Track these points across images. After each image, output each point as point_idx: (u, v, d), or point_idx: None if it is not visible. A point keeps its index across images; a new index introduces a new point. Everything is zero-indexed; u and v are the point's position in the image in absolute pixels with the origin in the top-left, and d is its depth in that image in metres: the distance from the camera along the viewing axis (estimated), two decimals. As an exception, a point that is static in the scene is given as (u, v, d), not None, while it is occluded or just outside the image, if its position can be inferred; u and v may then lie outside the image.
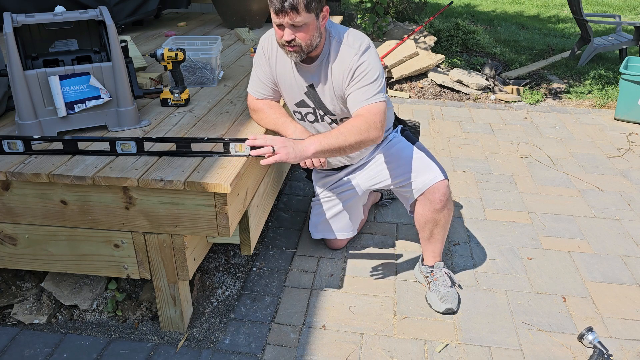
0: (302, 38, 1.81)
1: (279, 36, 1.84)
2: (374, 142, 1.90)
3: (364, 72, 1.89)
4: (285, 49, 1.86)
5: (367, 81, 1.89)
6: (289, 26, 1.79)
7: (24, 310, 2.08)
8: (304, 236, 2.62)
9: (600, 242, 2.59)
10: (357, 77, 1.89)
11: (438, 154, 3.56)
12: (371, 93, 1.89)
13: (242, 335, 2.00)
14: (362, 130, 1.85)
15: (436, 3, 9.34)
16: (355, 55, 1.89)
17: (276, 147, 1.74)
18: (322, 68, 1.96)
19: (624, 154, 3.60)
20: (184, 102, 2.28)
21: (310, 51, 1.87)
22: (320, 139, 1.82)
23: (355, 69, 1.89)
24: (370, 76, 1.89)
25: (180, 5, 4.25)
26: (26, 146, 1.82)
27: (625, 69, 4.10)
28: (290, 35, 1.80)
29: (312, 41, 1.85)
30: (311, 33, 1.83)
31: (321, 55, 1.94)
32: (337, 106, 2.02)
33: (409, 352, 1.93)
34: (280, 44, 1.87)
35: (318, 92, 2.01)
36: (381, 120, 1.89)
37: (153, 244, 1.81)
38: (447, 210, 2.11)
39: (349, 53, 1.90)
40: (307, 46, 1.84)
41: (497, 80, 5.19)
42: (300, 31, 1.80)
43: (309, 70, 1.98)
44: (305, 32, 1.81)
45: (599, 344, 1.90)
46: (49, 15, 1.89)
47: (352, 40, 1.93)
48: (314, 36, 1.84)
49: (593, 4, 9.92)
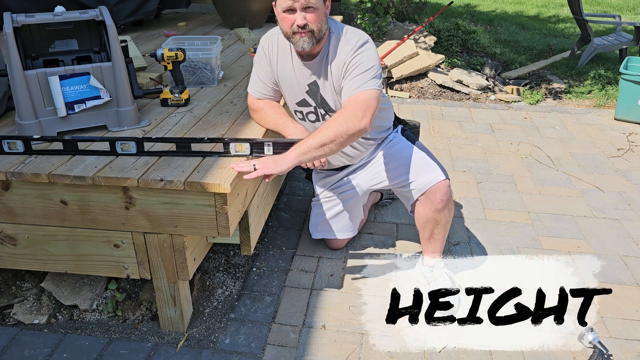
0: (313, 21, 1.81)
1: (289, 23, 1.83)
2: (360, 131, 1.81)
3: (356, 63, 1.88)
4: (296, 36, 1.84)
5: (358, 71, 1.86)
6: (302, 9, 1.79)
7: (24, 310, 2.08)
8: (304, 236, 2.62)
9: (600, 242, 2.59)
10: (350, 69, 1.89)
11: (438, 154, 3.56)
12: (361, 82, 1.85)
13: (242, 335, 2.00)
14: (340, 123, 1.79)
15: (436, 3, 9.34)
16: (351, 50, 1.89)
17: (257, 165, 1.74)
18: (322, 65, 1.96)
19: (624, 154, 3.60)
20: (184, 102, 2.28)
21: (320, 38, 1.87)
22: (300, 143, 1.80)
23: (349, 62, 1.89)
24: (363, 66, 1.86)
25: (180, 5, 4.25)
26: (26, 146, 1.82)
27: (625, 69, 4.10)
28: (302, 20, 1.80)
29: (322, 26, 1.85)
30: (321, 17, 1.84)
31: (321, 52, 1.94)
32: (339, 103, 2.02)
33: (409, 352, 1.93)
34: (291, 33, 1.85)
35: (320, 89, 2.01)
36: (367, 108, 1.81)
37: (153, 244, 1.81)
38: (447, 210, 2.11)
39: (345, 49, 1.91)
40: (318, 31, 1.84)
41: (497, 80, 5.19)
42: (312, 13, 1.81)
43: (310, 67, 1.98)
44: (317, 16, 1.82)
45: (599, 344, 1.90)
46: (49, 15, 1.89)
47: (350, 36, 1.93)
48: (323, 21, 1.86)
49: (593, 4, 9.92)
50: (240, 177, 1.76)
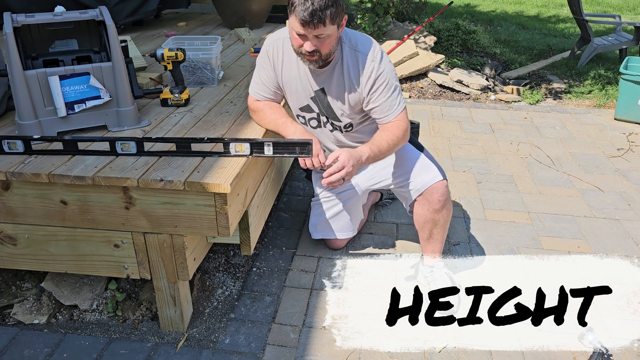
0: (323, 49, 1.81)
1: (298, 44, 1.82)
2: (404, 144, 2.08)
3: (385, 81, 1.92)
4: (304, 57, 1.84)
5: (389, 90, 1.95)
6: (313, 38, 1.78)
7: (24, 310, 2.08)
8: (304, 236, 2.62)
9: (600, 242, 2.59)
10: (380, 87, 1.92)
11: (438, 154, 3.56)
12: (397, 102, 1.97)
13: (242, 335, 2.00)
14: (399, 137, 1.99)
15: (436, 3, 9.34)
16: (373, 63, 1.91)
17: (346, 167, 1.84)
18: (335, 73, 1.95)
19: (624, 154, 3.60)
20: (184, 102, 2.28)
21: (328, 60, 1.88)
22: (370, 146, 1.93)
23: (375, 79, 1.91)
24: (390, 84, 1.95)
25: (180, 5, 4.25)
26: (26, 146, 1.82)
27: (625, 69, 4.10)
28: (312, 47, 1.79)
29: (332, 50, 1.85)
30: (332, 44, 1.83)
31: (333, 61, 1.94)
32: (346, 112, 2.03)
33: (409, 352, 1.93)
34: (298, 52, 1.85)
35: (328, 97, 2.01)
36: (407, 128, 2.04)
37: (153, 244, 1.81)
38: (446, 211, 2.11)
39: (365, 61, 1.91)
40: (326, 55, 1.84)
41: (497, 80, 5.19)
42: (323, 42, 1.79)
43: (319, 75, 1.97)
44: (328, 43, 1.81)
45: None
46: (49, 15, 1.89)
47: (365, 46, 1.93)
48: (334, 45, 1.85)
49: (593, 4, 9.92)
50: (240, 177, 1.76)
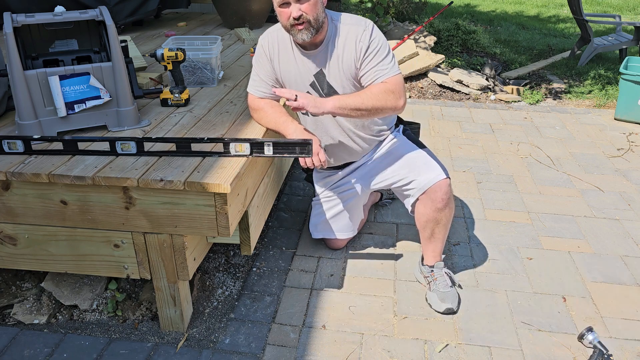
0: (308, 11, 1.82)
1: (286, 17, 1.85)
2: (394, 110, 1.95)
3: (377, 47, 1.93)
4: (295, 29, 1.86)
5: (382, 56, 1.94)
6: (296, 0, 1.81)
7: (24, 310, 2.08)
8: (304, 236, 2.62)
9: (600, 242, 2.59)
10: (372, 53, 1.93)
11: (438, 154, 3.56)
12: (390, 66, 1.95)
13: (242, 335, 2.00)
14: (380, 97, 1.91)
15: (436, 3, 9.34)
16: (365, 32, 1.93)
17: (299, 95, 1.81)
18: (329, 50, 1.97)
19: (624, 154, 3.60)
20: (184, 102, 2.28)
21: (318, 28, 1.88)
22: (340, 97, 1.91)
23: (368, 45, 1.92)
24: (383, 50, 1.94)
25: (180, 5, 4.25)
26: (26, 146, 1.82)
27: (625, 69, 4.10)
28: (297, 11, 1.81)
29: (319, 15, 1.86)
30: (317, 7, 1.85)
31: (325, 39, 1.96)
32: (348, 88, 2.03)
33: (409, 352, 1.93)
34: (288, 26, 1.87)
35: (327, 77, 2.01)
36: (403, 90, 1.95)
37: (153, 244, 1.81)
38: (448, 209, 2.11)
39: (356, 30, 1.93)
40: (314, 20, 1.85)
41: (497, 80, 5.19)
42: (306, 3, 1.82)
43: (315, 57, 1.99)
44: (311, 4, 1.83)
45: (599, 344, 1.90)
46: (49, 15, 1.89)
47: (355, 20, 1.97)
48: (320, 10, 1.86)
49: (593, 4, 9.92)
50: (240, 177, 1.76)
